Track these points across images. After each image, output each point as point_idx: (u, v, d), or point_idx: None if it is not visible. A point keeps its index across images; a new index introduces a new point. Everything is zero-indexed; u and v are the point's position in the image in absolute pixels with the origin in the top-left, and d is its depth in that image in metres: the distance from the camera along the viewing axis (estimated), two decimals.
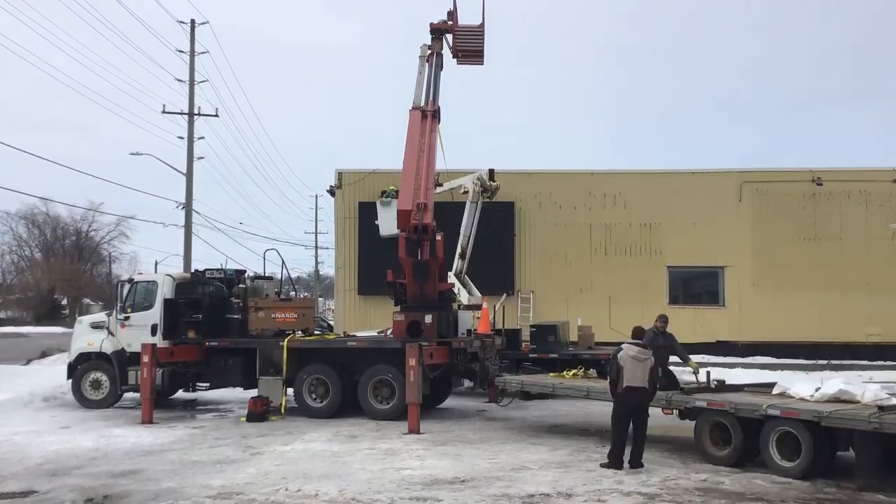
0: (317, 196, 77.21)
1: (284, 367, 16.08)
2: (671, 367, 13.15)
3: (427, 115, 17.71)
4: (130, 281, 18.19)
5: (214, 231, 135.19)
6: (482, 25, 19.61)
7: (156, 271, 25.82)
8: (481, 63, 20.02)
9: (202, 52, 38.22)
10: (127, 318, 17.41)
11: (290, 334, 16.43)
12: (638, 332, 11.30)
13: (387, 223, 19.70)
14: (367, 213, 28.42)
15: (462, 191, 21.52)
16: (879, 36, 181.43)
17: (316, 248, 79.79)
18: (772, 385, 11.82)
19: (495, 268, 24.78)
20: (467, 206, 20.85)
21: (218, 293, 17.63)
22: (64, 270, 70.14)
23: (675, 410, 11.93)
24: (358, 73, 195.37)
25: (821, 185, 28.42)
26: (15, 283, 76.18)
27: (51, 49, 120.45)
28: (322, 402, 15.90)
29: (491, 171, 21.50)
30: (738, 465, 10.76)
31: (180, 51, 37.94)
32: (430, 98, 18.22)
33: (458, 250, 20.42)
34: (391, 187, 20.65)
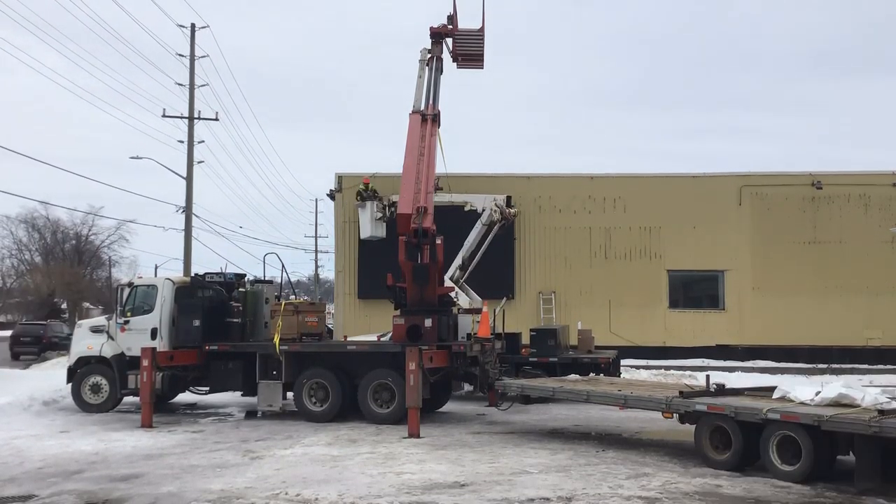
0: (317, 200, 77.41)
1: (284, 371, 16.08)
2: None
3: (427, 118, 17.74)
4: (130, 285, 18.17)
5: (214, 235, 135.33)
6: (482, 29, 19.65)
7: (156, 275, 25.82)
8: (481, 67, 20.07)
9: (202, 56, 38.30)
10: (127, 322, 17.40)
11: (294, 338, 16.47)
12: None
13: (366, 225, 19.84)
14: None
15: (468, 208, 21.30)
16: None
17: (316, 251, 79.95)
18: (772, 389, 11.80)
19: (495, 271, 24.78)
20: (477, 227, 20.78)
21: (218, 297, 17.63)
22: (64, 274, 70.11)
23: (675, 414, 11.91)
24: (359, 74, 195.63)
25: (821, 188, 28.46)
26: (15, 287, 76.21)
27: (50, 52, 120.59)
28: (322, 406, 15.88)
29: (508, 199, 21.34)
30: (738, 469, 10.75)
31: (180, 55, 38.02)
32: (430, 102, 18.27)
33: (459, 261, 20.40)
34: (362, 185, 20.61)
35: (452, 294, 17.89)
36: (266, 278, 20.24)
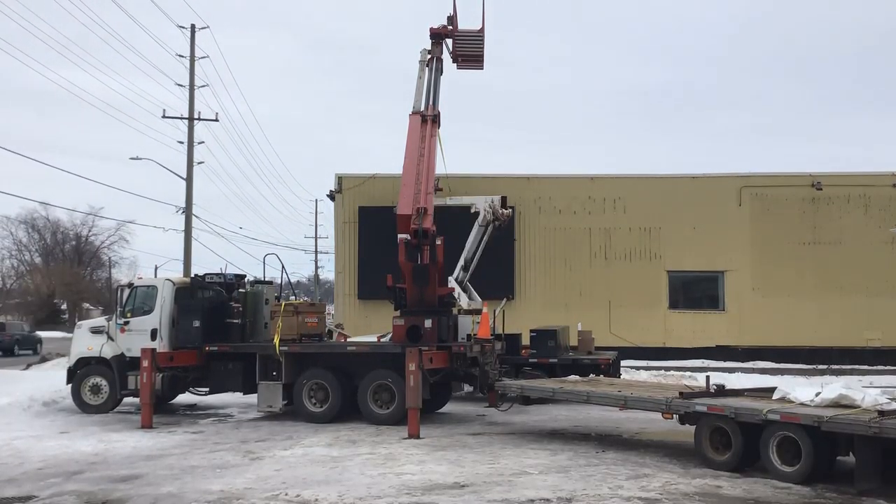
0: (317, 200, 77.45)
1: (283, 372, 16.09)
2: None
3: (427, 119, 17.75)
4: (130, 285, 18.17)
5: (214, 235, 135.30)
6: (482, 30, 19.65)
7: (155, 276, 25.83)
8: (481, 68, 20.06)
9: (202, 57, 38.35)
10: (127, 323, 17.39)
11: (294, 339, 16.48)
12: None
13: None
14: (366, 217, 28.50)
15: (473, 210, 21.42)
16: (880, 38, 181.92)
17: (316, 252, 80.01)
18: (772, 390, 11.79)
19: (495, 272, 24.76)
20: (475, 228, 20.94)
21: (218, 298, 17.63)
22: (64, 275, 70.26)
23: (674, 415, 11.91)
24: (359, 76, 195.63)
25: (820, 189, 28.45)
26: (15, 288, 76.27)
27: (50, 52, 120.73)
28: (322, 406, 15.88)
29: (503, 199, 21.44)
30: (738, 469, 10.74)
31: (180, 55, 38.05)
32: (430, 103, 18.27)
33: (462, 262, 20.48)
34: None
35: (455, 293, 17.91)
36: (266, 279, 20.22)
